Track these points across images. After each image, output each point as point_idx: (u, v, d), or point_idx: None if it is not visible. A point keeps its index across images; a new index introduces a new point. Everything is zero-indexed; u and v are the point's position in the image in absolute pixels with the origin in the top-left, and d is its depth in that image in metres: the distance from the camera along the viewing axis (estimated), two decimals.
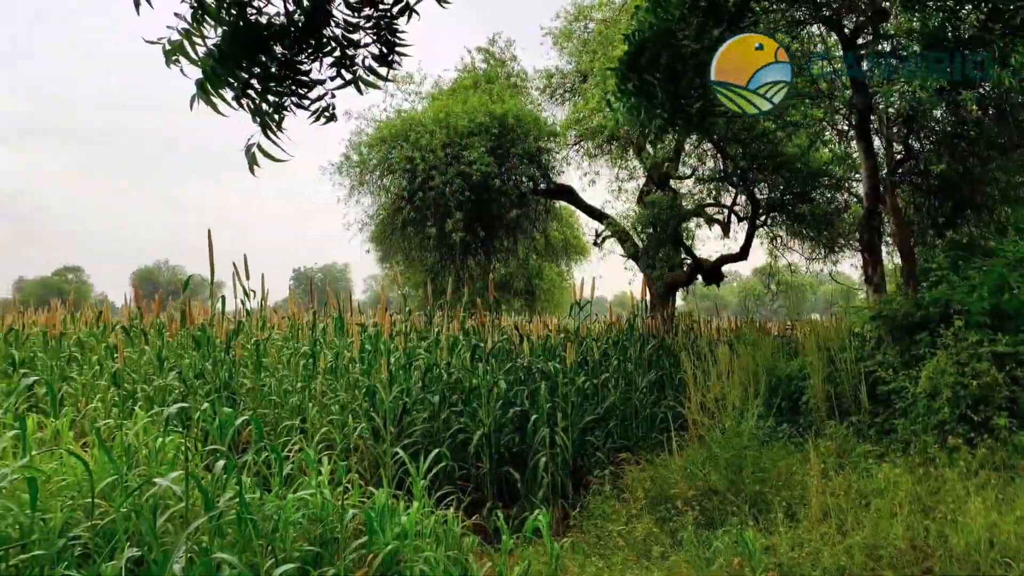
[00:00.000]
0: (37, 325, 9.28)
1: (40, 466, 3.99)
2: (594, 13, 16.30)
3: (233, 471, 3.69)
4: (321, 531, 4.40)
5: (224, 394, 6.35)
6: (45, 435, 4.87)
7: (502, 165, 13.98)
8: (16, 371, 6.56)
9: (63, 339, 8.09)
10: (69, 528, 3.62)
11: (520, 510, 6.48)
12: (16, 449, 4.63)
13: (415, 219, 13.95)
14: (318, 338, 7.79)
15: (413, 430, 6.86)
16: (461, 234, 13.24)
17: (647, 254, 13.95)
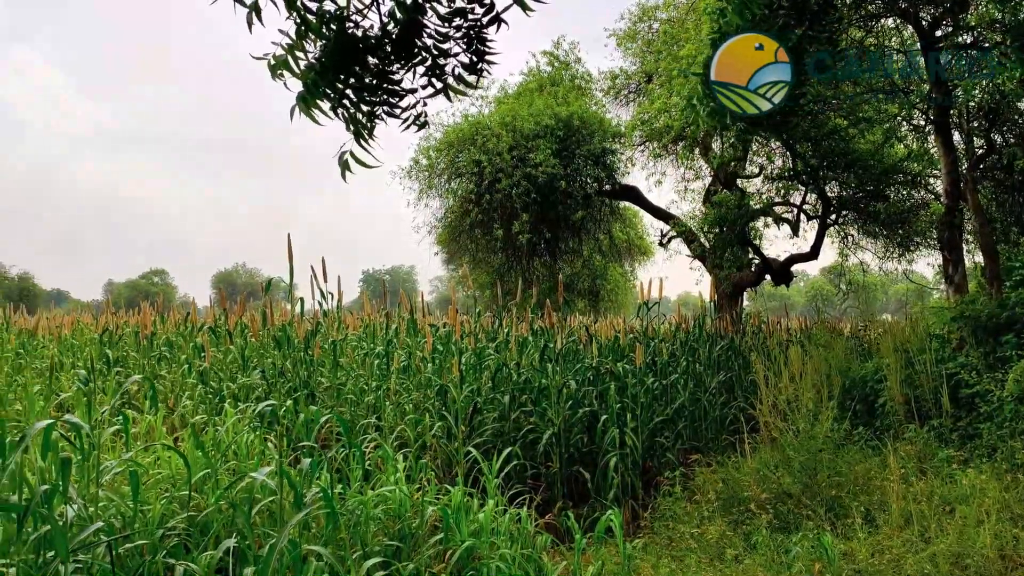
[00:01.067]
0: (129, 326, 9.71)
1: (137, 460, 4.17)
2: (659, 13, 16.17)
3: (318, 467, 3.80)
4: (400, 526, 4.50)
5: (304, 392, 6.53)
6: (139, 430, 5.09)
7: (567, 167, 14.02)
8: (111, 370, 6.87)
9: (153, 339, 8.45)
10: (166, 519, 3.78)
11: (590, 510, 6.48)
12: (113, 444, 4.87)
13: (482, 221, 14.10)
14: (391, 338, 7.94)
15: (484, 429, 6.92)
16: (527, 235, 13.33)
17: (714, 254, 13.77)
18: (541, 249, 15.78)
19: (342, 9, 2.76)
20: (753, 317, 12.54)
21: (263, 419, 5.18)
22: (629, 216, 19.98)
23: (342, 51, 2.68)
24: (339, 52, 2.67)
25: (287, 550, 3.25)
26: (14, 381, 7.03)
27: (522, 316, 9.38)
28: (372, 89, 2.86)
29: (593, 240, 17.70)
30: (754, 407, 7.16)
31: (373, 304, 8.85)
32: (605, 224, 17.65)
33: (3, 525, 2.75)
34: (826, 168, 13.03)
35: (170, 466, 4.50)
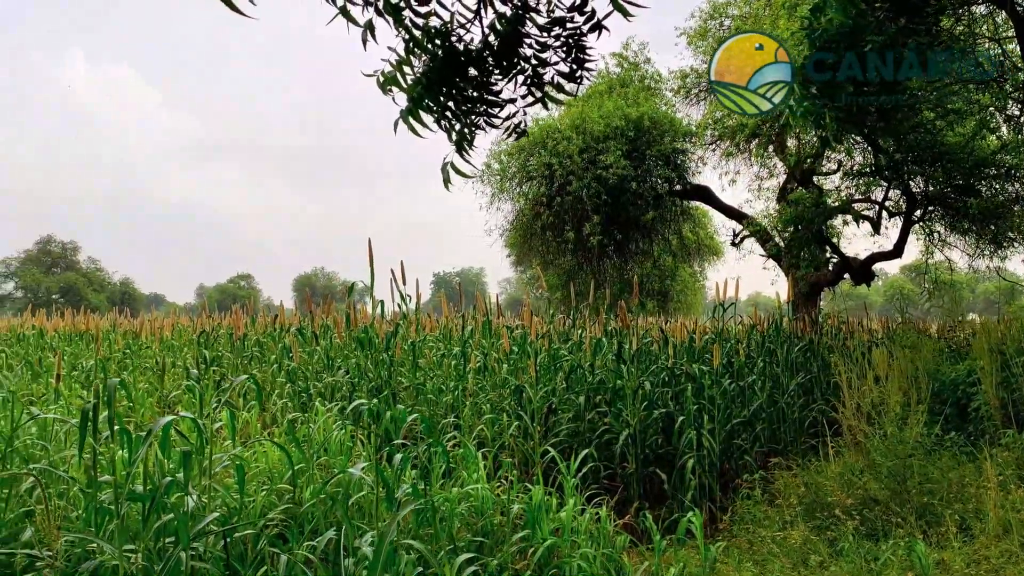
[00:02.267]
0: (222, 328, 10.13)
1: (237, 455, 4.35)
2: (730, 10, 15.89)
3: (408, 464, 3.90)
4: (482, 523, 4.57)
5: (388, 392, 6.68)
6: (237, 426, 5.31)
7: (638, 168, 13.92)
8: (208, 368, 7.18)
9: (245, 340, 8.78)
10: (265, 511, 3.94)
11: (667, 511, 6.43)
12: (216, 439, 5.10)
13: (553, 224, 14.14)
14: (467, 339, 8.05)
15: (559, 429, 6.95)
16: (599, 237, 13.30)
17: (790, 253, 13.45)
18: (611, 250, 15.70)
19: (447, 24, 2.83)
20: (832, 317, 12.19)
21: (354, 417, 5.33)
22: (699, 216, 19.71)
23: (446, 65, 2.75)
24: (443, 66, 2.75)
25: (378, 542, 3.35)
26: (122, 379, 7.41)
27: (595, 317, 9.38)
28: (473, 101, 2.93)
29: (663, 241, 17.51)
30: (836, 410, 6.97)
31: (451, 306, 9.00)
32: (675, 224, 17.45)
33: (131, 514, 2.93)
34: (911, 163, 12.54)
35: (266, 460, 4.68)
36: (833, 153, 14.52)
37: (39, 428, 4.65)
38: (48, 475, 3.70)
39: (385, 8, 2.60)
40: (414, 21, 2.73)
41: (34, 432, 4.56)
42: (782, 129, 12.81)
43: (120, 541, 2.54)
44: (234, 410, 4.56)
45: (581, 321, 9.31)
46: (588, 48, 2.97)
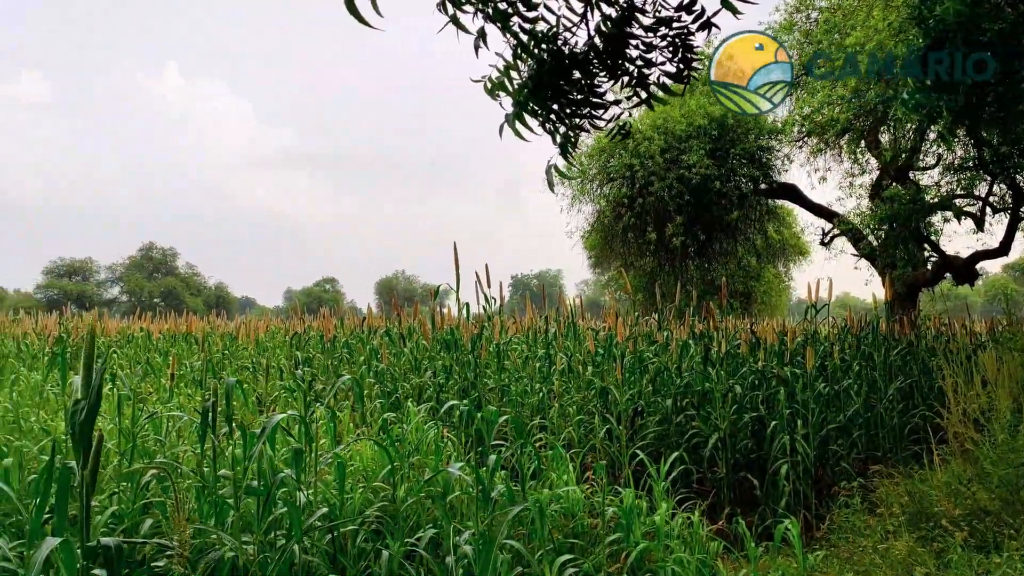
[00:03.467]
0: (313, 330, 10.46)
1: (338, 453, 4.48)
2: (818, 2, 15.39)
3: (499, 465, 3.93)
4: (573, 525, 4.56)
5: (475, 393, 6.75)
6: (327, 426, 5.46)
7: (722, 167, 13.64)
8: (298, 368, 7.41)
9: (335, 342, 9.03)
10: (363, 508, 4.04)
11: (760, 518, 6.27)
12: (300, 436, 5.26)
13: (635, 225, 14.01)
14: (551, 341, 8.06)
15: (646, 433, 6.87)
16: (681, 238, 13.10)
17: (885, 252, 12.91)
18: (694, 251, 15.43)
19: (553, 28, 2.85)
20: (934, 319, 11.64)
21: (447, 417, 5.42)
22: (784, 215, 19.17)
23: (552, 69, 2.77)
24: (549, 70, 2.77)
25: (474, 541, 3.39)
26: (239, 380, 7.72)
27: (681, 319, 9.23)
28: (578, 103, 2.94)
29: (747, 241, 17.11)
30: (939, 416, 6.65)
31: (534, 308, 9.03)
32: (760, 224, 17.01)
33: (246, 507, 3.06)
34: (1018, 156, 11.83)
35: (361, 459, 4.80)
36: (932, 147, 13.88)
37: (154, 425, 4.88)
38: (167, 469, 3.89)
39: (494, 15, 2.63)
40: (521, 26, 2.75)
41: (149, 428, 4.79)
42: (876, 124, 12.31)
43: (238, 533, 2.65)
44: (333, 410, 4.71)
45: (666, 323, 9.18)
46: (695, 47, 2.93)
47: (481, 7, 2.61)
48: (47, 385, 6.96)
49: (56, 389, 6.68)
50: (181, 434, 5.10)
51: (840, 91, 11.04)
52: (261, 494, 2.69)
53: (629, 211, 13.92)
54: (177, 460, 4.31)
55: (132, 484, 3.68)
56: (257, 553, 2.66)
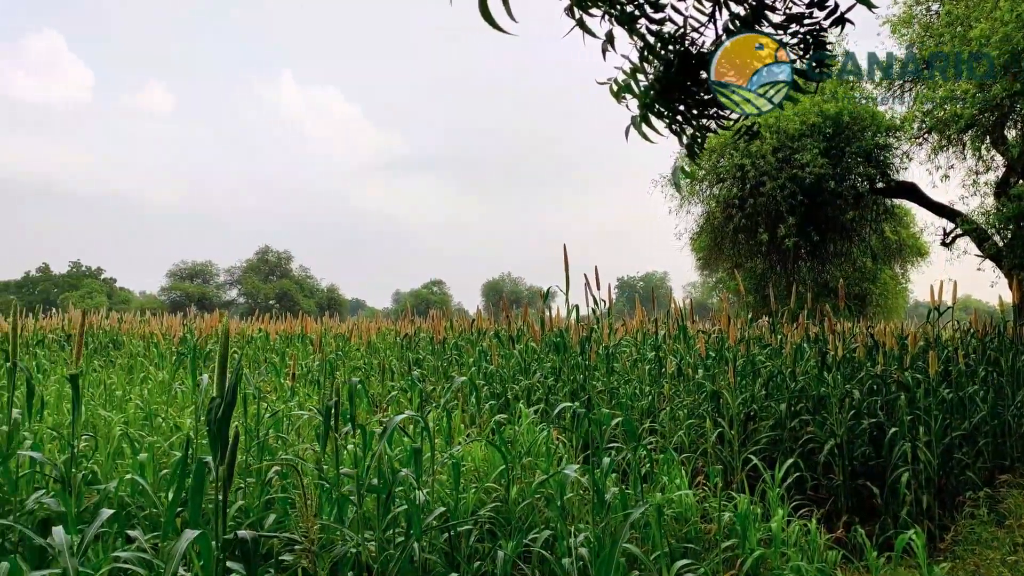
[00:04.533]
0: (423, 331, 10.76)
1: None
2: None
3: (612, 468, 3.95)
4: (687, 529, 4.52)
5: (585, 396, 6.78)
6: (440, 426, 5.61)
7: (836, 166, 13.11)
8: (411, 369, 7.65)
9: (445, 344, 9.26)
10: (476, 508, 4.14)
11: (879, 528, 6.01)
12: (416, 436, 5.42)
13: (746, 226, 13.65)
14: (660, 344, 7.99)
15: (759, 437, 6.71)
16: (794, 239, 12.68)
17: (1012, 253, 12.07)
18: (806, 253, 14.88)
19: (680, 28, 2.86)
20: None
21: (557, 419, 5.48)
22: (901, 215, 18.21)
23: (679, 70, 2.78)
24: (676, 71, 2.78)
25: (588, 543, 3.42)
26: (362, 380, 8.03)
27: (794, 322, 8.96)
28: (705, 104, 2.93)
29: (862, 242, 16.36)
30: None
31: (643, 311, 8.98)
32: (876, 224, 16.24)
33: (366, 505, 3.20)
34: None
35: (473, 459, 4.92)
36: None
37: (275, 423, 5.12)
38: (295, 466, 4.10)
39: (621, 17, 2.65)
40: (649, 28, 2.77)
41: (270, 426, 5.03)
42: (1001, 119, 11.54)
43: (361, 530, 2.78)
44: (448, 411, 4.84)
45: (779, 326, 8.93)
46: (828, 43, 2.86)
47: (609, 10, 2.64)
48: (175, 383, 7.41)
49: (183, 387, 7.15)
50: (300, 432, 5.34)
51: (964, 86, 10.42)
52: (382, 492, 2.81)
53: (740, 212, 13.56)
54: (298, 458, 4.52)
55: (257, 480, 3.88)
56: (378, 550, 2.78)
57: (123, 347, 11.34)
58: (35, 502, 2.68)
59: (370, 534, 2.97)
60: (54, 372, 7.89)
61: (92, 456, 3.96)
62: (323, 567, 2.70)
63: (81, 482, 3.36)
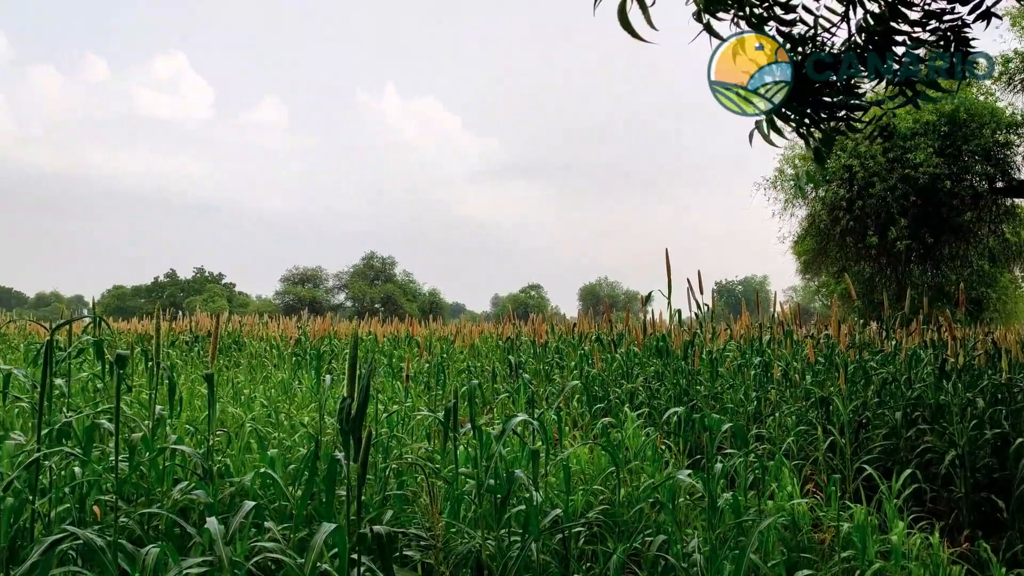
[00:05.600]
0: (524, 335, 10.81)
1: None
2: None
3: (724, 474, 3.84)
4: (799, 539, 4.34)
5: (695, 400, 6.65)
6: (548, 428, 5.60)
7: (952, 165, 12.35)
8: (517, 372, 7.69)
9: (547, 346, 9.27)
10: (585, 511, 4.11)
11: (1006, 543, 5.60)
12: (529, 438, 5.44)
13: (854, 228, 13.03)
14: (766, 348, 7.74)
15: (872, 446, 6.38)
16: (906, 242, 12.01)
17: None
18: (919, 255, 14.06)
19: (811, 28, 2.76)
20: None
21: (664, 423, 5.39)
22: (1022, 215, 16.97)
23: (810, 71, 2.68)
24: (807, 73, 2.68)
25: (702, 548, 3.33)
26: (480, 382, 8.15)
27: (907, 327, 8.49)
28: (835, 106, 2.82)
29: (980, 244, 15.33)
30: None
31: (748, 315, 8.72)
32: (995, 225, 15.19)
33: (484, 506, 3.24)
34: None
35: (579, 462, 4.89)
36: None
37: (390, 422, 5.24)
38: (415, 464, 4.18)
39: (751, 20, 2.58)
40: (779, 30, 2.68)
41: (389, 425, 5.15)
42: None
43: (482, 529, 2.80)
44: (560, 414, 4.83)
45: (893, 331, 8.48)
46: (972, 39, 2.69)
47: (739, 13, 2.57)
48: (294, 382, 7.71)
49: (300, 385, 7.43)
50: (414, 432, 5.45)
51: None
52: (501, 492, 2.82)
53: (847, 214, 12.95)
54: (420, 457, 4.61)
55: (375, 477, 3.97)
56: (495, 550, 2.79)
57: (245, 348, 11.91)
58: (179, 492, 2.83)
59: (487, 533, 2.99)
60: (185, 371, 8.36)
61: (224, 451, 4.16)
62: (448, 565, 2.73)
63: (216, 475, 3.53)
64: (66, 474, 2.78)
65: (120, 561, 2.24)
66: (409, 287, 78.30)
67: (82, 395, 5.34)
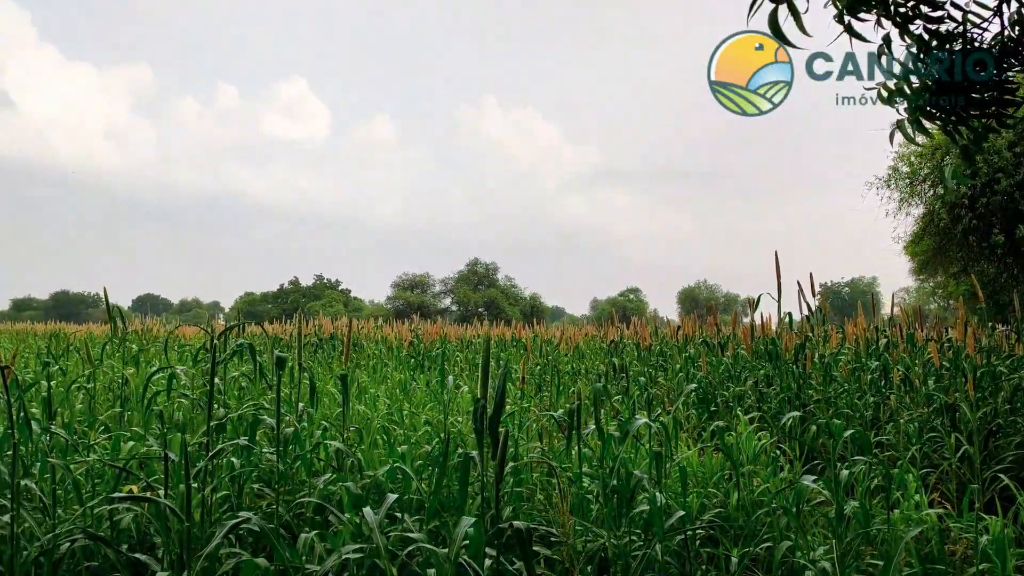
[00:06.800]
0: (626, 338, 10.71)
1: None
2: None
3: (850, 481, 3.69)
4: (928, 550, 4.11)
5: (798, 404, 6.41)
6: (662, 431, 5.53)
7: None
8: (626, 374, 7.63)
9: (651, 349, 9.16)
10: (699, 514, 4.03)
11: None
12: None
13: (977, 227, 12.16)
14: (883, 352, 7.35)
15: (1004, 455, 5.95)
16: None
17: None
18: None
19: (959, 25, 2.63)
20: None
21: (774, 427, 5.22)
22: None
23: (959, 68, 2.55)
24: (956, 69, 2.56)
25: (834, 559, 3.21)
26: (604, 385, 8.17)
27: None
28: (986, 103, 2.67)
29: None
30: None
31: (864, 316, 8.32)
32: None
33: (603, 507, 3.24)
34: None
35: (690, 464, 4.80)
36: None
37: (506, 423, 5.32)
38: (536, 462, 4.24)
39: (896, 19, 2.48)
40: (926, 27, 2.56)
41: (504, 424, 5.23)
42: None
43: (609, 528, 2.80)
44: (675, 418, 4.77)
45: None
46: None
47: (883, 13, 2.47)
48: (411, 383, 7.92)
49: (418, 386, 7.63)
50: (528, 432, 5.50)
51: None
52: (626, 493, 2.82)
53: (969, 212, 12.09)
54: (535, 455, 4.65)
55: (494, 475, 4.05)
56: (619, 549, 2.79)
57: (363, 350, 12.35)
58: (324, 484, 2.99)
59: (609, 533, 2.99)
60: (314, 372, 8.76)
61: (356, 447, 4.34)
62: (578, 562, 2.76)
63: (350, 468, 3.69)
64: (225, 463, 2.98)
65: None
66: (511, 292, 78.98)
67: (229, 393, 5.70)
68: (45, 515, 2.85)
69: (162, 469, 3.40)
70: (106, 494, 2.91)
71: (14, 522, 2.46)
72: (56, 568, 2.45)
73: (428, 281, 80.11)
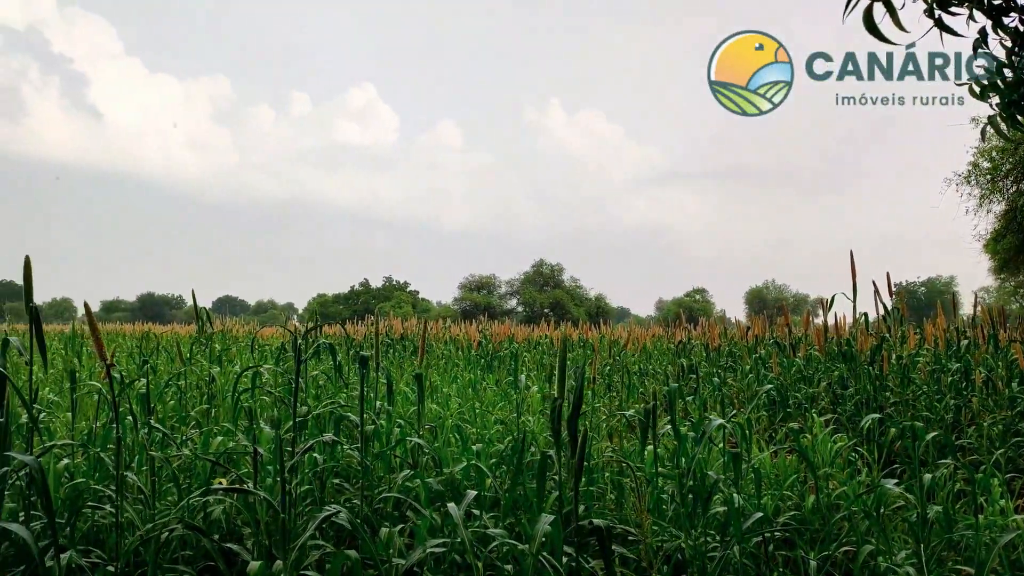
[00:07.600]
0: (695, 339, 10.55)
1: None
2: None
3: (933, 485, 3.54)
4: (1015, 557, 3.91)
5: (874, 406, 6.17)
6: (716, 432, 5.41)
7: None
8: (693, 375, 7.50)
9: (720, 350, 8.98)
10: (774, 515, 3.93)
11: None
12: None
13: None
14: (964, 354, 7.02)
15: None
16: None
17: None
18: None
19: None
20: None
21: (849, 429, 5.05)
22: None
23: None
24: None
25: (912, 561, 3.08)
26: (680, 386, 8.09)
27: None
28: None
29: None
30: None
31: (944, 317, 7.96)
32: None
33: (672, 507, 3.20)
34: None
35: (763, 465, 4.68)
36: None
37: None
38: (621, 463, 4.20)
39: (988, 12, 2.37)
40: (1022, 19, 2.44)
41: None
42: None
43: (686, 528, 2.76)
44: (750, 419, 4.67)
45: None
46: None
47: (975, 7, 2.36)
48: (481, 382, 7.96)
49: (487, 384, 7.66)
50: (600, 431, 5.47)
51: None
52: (703, 494, 2.78)
53: None
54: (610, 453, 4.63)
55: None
56: (696, 549, 2.74)
57: (432, 350, 12.50)
58: (403, 480, 3.04)
59: (684, 534, 2.95)
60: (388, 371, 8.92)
61: (431, 444, 4.40)
62: (657, 561, 2.73)
63: (426, 465, 3.74)
64: (307, 458, 3.07)
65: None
66: (576, 292, 78.64)
67: (308, 391, 5.86)
68: (145, 506, 2.99)
69: (247, 463, 3.54)
70: (201, 486, 3.03)
71: (118, 512, 2.59)
72: (156, 556, 2.57)
73: (494, 282, 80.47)
